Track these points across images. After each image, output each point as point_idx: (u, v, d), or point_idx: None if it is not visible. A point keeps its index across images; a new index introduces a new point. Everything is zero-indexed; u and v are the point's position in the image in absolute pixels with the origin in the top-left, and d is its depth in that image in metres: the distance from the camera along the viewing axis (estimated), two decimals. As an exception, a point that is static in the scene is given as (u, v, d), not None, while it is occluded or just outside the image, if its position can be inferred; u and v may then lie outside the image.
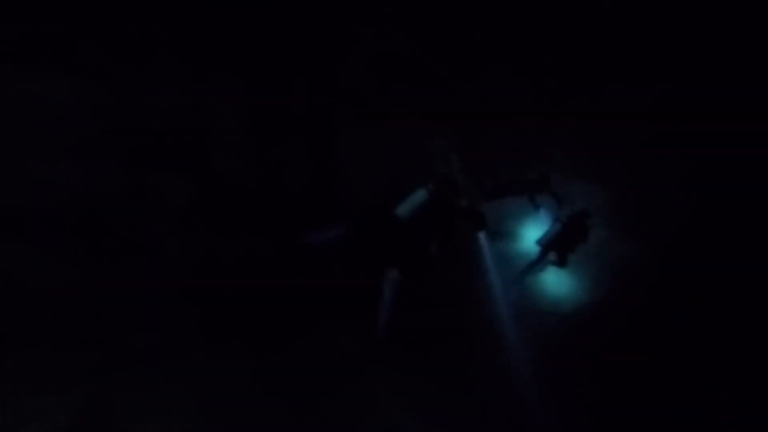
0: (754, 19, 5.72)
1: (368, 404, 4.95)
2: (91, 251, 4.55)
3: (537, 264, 5.87)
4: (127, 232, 4.75)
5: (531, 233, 6.00)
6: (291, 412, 4.64)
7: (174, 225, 5.02)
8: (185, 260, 4.99)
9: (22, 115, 4.43)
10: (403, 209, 4.67)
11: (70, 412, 3.98)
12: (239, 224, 5.30)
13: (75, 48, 4.67)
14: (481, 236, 5.47)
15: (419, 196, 4.73)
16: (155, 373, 4.42)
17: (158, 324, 4.65)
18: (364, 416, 4.84)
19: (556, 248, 5.75)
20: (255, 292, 5.02)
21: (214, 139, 5.33)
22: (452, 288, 5.75)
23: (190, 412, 4.32)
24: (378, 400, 5.03)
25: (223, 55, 5.29)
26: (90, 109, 4.73)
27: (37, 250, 4.34)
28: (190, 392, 4.43)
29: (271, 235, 5.32)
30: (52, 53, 4.56)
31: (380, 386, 5.13)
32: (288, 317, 5.08)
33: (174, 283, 4.83)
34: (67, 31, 4.65)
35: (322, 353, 5.10)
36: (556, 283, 6.04)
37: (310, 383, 4.87)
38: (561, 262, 5.83)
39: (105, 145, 4.79)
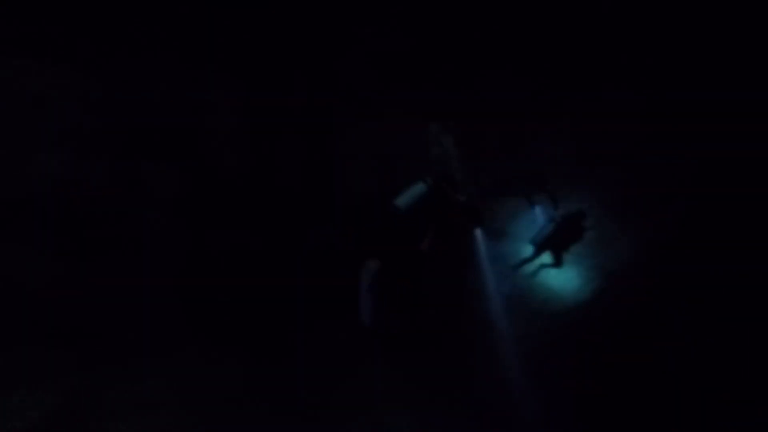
0: (753, 19, 5.73)
1: (365, 404, 4.94)
2: (88, 249, 4.57)
3: (530, 262, 5.89)
4: (126, 231, 4.77)
5: (526, 231, 6.00)
6: (287, 412, 4.64)
7: (172, 224, 5.03)
8: (183, 259, 5.00)
9: (23, 113, 4.45)
10: (402, 200, 4.74)
11: (58, 406, 4.00)
12: (239, 223, 5.31)
13: (75, 46, 4.70)
14: (478, 233, 5.49)
15: (418, 189, 4.79)
16: (147, 370, 4.43)
17: (153, 322, 4.66)
18: (361, 416, 4.84)
19: (550, 247, 5.77)
20: (252, 291, 5.03)
21: (214, 139, 5.35)
22: (448, 286, 5.75)
23: (181, 410, 4.32)
24: (376, 400, 5.02)
25: (223, 54, 5.31)
26: (91, 107, 4.76)
27: (32, 247, 4.35)
28: (182, 389, 4.44)
29: (270, 234, 5.32)
30: (53, 52, 4.59)
31: (379, 386, 5.13)
32: (285, 317, 5.08)
33: (171, 281, 4.84)
34: (68, 29, 4.68)
35: (319, 353, 5.10)
36: (550, 281, 6.03)
37: (306, 383, 4.86)
38: (556, 262, 5.85)
39: (105, 144, 4.81)
